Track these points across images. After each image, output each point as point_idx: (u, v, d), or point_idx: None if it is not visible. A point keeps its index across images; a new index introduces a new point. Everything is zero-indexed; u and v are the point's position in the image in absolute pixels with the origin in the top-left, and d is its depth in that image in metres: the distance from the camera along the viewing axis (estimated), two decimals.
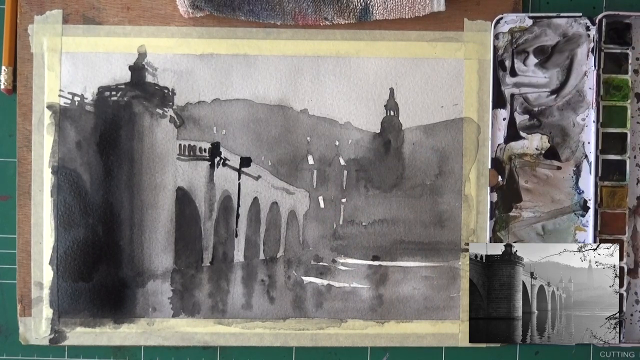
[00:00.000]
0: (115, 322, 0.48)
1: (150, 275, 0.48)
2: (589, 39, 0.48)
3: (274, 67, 0.48)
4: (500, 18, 0.48)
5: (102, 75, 0.48)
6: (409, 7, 0.47)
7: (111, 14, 0.48)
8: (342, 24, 0.48)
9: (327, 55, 0.48)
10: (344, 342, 0.48)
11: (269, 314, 0.48)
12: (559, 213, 0.48)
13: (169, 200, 0.48)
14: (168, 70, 0.48)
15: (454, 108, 0.48)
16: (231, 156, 0.48)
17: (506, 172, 0.48)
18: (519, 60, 0.48)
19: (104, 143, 0.48)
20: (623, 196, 0.48)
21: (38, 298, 0.48)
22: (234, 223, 0.48)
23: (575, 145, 0.48)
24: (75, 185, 0.48)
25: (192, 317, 0.48)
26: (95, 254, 0.48)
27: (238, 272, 0.48)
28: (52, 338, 0.48)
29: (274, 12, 0.47)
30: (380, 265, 0.48)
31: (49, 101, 0.48)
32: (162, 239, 0.48)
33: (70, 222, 0.48)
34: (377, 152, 0.48)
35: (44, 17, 0.48)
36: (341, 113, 0.48)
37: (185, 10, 0.47)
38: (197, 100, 0.48)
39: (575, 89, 0.48)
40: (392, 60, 0.48)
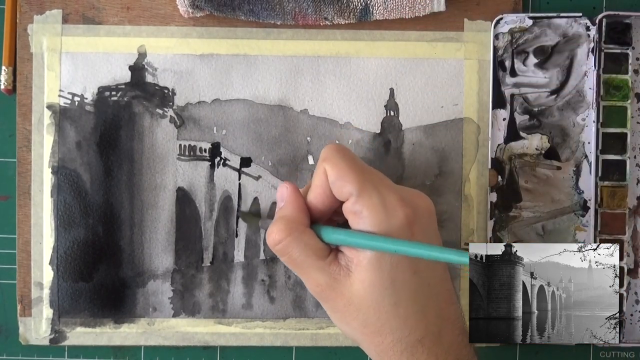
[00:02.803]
0: (115, 322, 0.48)
1: (150, 275, 0.48)
2: (589, 39, 0.48)
3: (274, 67, 0.48)
4: (500, 18, 0.48)
5: (102, 75, 0.48)
6: (409, 7, 0.47)
7: (111, 14, 0.48)
8: (342, 24, 0.48)
9: (327, 55, 0.48)
10: (344, 342, 0.48)
11: (269, 314, 0.48)
12: (559, 213, 0.48)
13: (169, 201, 0.48)
14: (168, 70, 0.48)
15: (454, 108, 0.48)
16: (231, 156, 0.48)
17: (506, 172, 0.48)
18: (519, 60, 0.48)
19: (104, 143, 0.48)
20: (623, 196, 0.48)
21: (38, 298, 0.48)
22: (234, 223, 0.48)
23: (575, 145, 0.48)
24: (75, 185, 0.48)
25: (192, 317, 0.48)
26: (95, 254, 0.48)
27: (238, 272, 0.48)
28: (52, 338, 0.48)
29: (274, 12, 0.47)
30: None
31: (48, 101, 0.48)
32: (163, 239, 0.48)
33: (70, 222, 0.48)
34: (377, 152, 0.48)
35: (44, 17, 0.48)
36: (341, 113, 0.48)
37: (185, 10, 0.47)
38: (197, 100, 0.48)
39: (575, 89, 0.48)
40: (392, 61, 0.48)
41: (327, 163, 0.38)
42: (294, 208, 0.39)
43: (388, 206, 0.37)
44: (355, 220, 0.38)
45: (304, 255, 0.38)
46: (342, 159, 0.38)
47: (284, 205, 0.40)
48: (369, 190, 0.37)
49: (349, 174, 0.37)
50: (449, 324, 0.39)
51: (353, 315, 0.38)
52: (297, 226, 0.38)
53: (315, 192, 0.39)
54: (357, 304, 0.37)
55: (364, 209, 0.37)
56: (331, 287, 0.38)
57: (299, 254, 0.38)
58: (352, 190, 0.37)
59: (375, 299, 0.37)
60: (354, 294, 0.37)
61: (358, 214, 0.37)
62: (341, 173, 0.37)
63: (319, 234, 0.39)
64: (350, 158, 0.38)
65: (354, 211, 0.37)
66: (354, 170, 0.37)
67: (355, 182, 0.37)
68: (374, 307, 0.37)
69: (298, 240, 0.38)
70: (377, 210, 0.37)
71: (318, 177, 0.39)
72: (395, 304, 0.37)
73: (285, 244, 0.38)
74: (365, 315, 0.38)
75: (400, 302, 0.37)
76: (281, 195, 0.40)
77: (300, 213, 0.39)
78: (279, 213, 0.40)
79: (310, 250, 0.38)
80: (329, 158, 0.38)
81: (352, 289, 0.37)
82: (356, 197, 0.37)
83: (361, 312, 0.38)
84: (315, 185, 0.39)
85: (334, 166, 0.38)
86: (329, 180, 0.38)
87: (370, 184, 0.37)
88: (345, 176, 0.37)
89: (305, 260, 0.38)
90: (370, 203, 0.37)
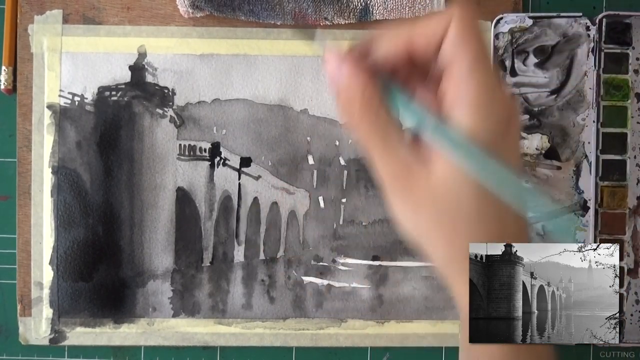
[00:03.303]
0: (115, 322, 0.48)
1: (150, 275, 0.48)
2: (589, 39, 0.48)
3: (274, 67, 0.48)
4: (501, 18, 0.48)
5: (102, 75, 0.48)
6: (409, 7, 0.47)
7: (111, 14, 0.48)
8: (342, 23, 0.48)
9: None
10: (344, 342, 0.48)
11: (269, 314, 0.48)
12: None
13: (169, 200, 0.48)
14: (168, 70, 0.48)
15: None
16: (231, 156, 0.48)
17: None
18: (519, 60, 0.48)
19: (104, 143, 0.48)
20: (623, 196, 0.48)
21: (38, 298, 0.48)
22: (234, 223, 0.48)
23: (576, 145, 0.48)
24: (75, 185, 0.48)
25: (192, 317, 0.48)
26: (95, 254, 0.48)
27: (238, 272, 0.48)
28: (52, 338, 0.48)
29: (274, 12, 0.47)
30: (380, 265, 0.48)
31: (49, 101, 0.48)
32: (162, 239, 0.48)
33: (70, 222, 0.48)
34: None
35: (44, 17, 0.48)
36: None
37: (185, 10, 0.47)
38: (197, 100, 0.48)
39: (575, 89, 0.48)
40: None
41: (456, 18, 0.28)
42: (387, 46, 0.30)
43: (495, 87, 0.29)
44: (453, 80, 0.29)
45: (387, 117, 0.30)
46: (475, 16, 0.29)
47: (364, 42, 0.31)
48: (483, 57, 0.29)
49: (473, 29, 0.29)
50: (525, 225, 0.33)
51: (429, 202, 0.31)
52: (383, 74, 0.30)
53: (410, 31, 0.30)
54: (435, 191, 0.31)
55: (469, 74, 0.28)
56: (408, 172, 0.31)
57: (382, 113, 0.30)
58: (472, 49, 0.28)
59: (456, 198, 0.31)
60: (435, 178, 0.31)
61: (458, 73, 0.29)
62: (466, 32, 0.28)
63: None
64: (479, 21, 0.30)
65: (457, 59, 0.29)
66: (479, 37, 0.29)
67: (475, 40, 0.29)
68: (454, 206, 0.31)
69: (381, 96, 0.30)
70: (484, 81, 0.29)
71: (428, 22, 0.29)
72: (478, 196, 0.31)
73: (370, 91, 0.30)
74: (443, 205, 0.31)
75: (482, 196, 0.31)
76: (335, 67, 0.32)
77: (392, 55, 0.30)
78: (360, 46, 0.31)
79: (393, 115, 0.30)
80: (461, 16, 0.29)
81: (434, 170, 0.31)
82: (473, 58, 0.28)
83: (438, 200, 0.31)
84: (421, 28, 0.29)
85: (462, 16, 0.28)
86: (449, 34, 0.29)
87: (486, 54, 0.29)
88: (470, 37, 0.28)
89: (387, 125, 0.30)
90: (479, 66, 0.29)
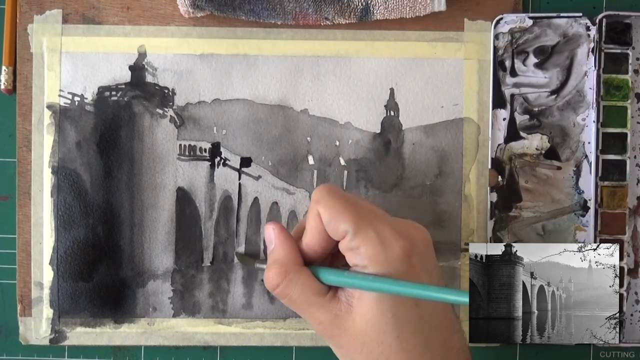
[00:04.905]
0: (115, 322, 0.48)
1: (150, 275, 0.48)
2: (589, 39, 0.48)
3: (274, 67, 0.48)
4: (501, 18, 0.48)
5: (102, 75, 0.48)
6: (409, 7, 0.47)
7: (111, 14, 0.48)
8: (343, 23, 0.48)
9: (327, 55, 0.48)
10: None
11: (269, 314, 0.48)
12: (559, 213, 0.48)
13: (169, 201, 0.48)
14: (168, 70, 0.48)
15: (454, 108, 0.48)
16: (231, 156, 0.48)
17: (506, 172, 0.48)
18: (519, 60, 0.48)
19: (104, 143, 0.48)
20: (623, 196, 0.48)
21: (38, 298, 0.48)
22: (234, 223, 0.48)
23: (575, 145, 0.48)
24: (75, 185, 0.48)
25: (192, 317, 0.48)
26: (95, 254, 0.48)
27: (238, 272, 0.48)
28: (52, 338, 0.48)
29: (274, 12, 0.47)
30: None
31: (48, 101, 0.48)
32: (163, 239, 0.48)
33: (70, 222, 0.48)
34: (377, 152, 0.48)
35: (44, 17, 0.48)
36: (341, 113, 0.48)
37: (185, 10, 0.47)
38: (197, 100, 0.48)
39: (575, 89, 0.48)
40: (392, 61, 0.48)
41: (319, 205, 0.38)
42: (284, 249, 0.40)
43: (384, 240, 0.37)
44: (353, 256, 0.38)
45: (303, 295, 0.38)
46: (334, 199, 0.38)
47: (274, 248, 0.40)
48: (364, 226, 0.37)
49: (343, 212, 0.37)
50: (454, 354, 0.39)
51: (357, 350, 0.38)
52: (292, 267, 0.39)
53: (310, 234, 0.39)
54: (361, 339, 0.38)
55: (361, 246, 0.37)
56: (333, 324, 0.38)
57: (298, 294, 0.38)
58: (347, 228, 0.37)
59: (378, 332, 0.37)
60: (357, 329, 0.37)
61: (355, 250, 0.37)
62: (335, 213, 0.38)
63: (317, 276, 0.39)
64: (342, 197, 0.39)
65: (350, 248, 0.38)
66: (347, 208, 0.38)
67: (349, 220, 0.37)
68: (377, 341, 0.37)
69: (295, 281, 0.38)
70: (374, 245, 0.37)
71: (312, 219, 0.39)
72: (398, 337, 0.37)
73: (283, 286, 0.39)
74: (369, 350, 0.37)
75: (403, 334, 0.37)
76: (269, 237, 0.40)
77: (292, 252, 0.39)
78: (271, 256, 0.40)
79: (309, 289, 0.38)
80: (321, 200, 0.38)
81: (355, 324, 0.38)
82: (352, 234, 0.37)
83: (365, 347, 0.38)
84: (310, 228, 0.39)
85: (327, 207, 0.38)
86: (324, 221, 0.38)
87: (365, 220, 0.38)
88: (339, 215, 0.37)
89: (305, 300, 0.38)
90: (367, 239, 0.37)
